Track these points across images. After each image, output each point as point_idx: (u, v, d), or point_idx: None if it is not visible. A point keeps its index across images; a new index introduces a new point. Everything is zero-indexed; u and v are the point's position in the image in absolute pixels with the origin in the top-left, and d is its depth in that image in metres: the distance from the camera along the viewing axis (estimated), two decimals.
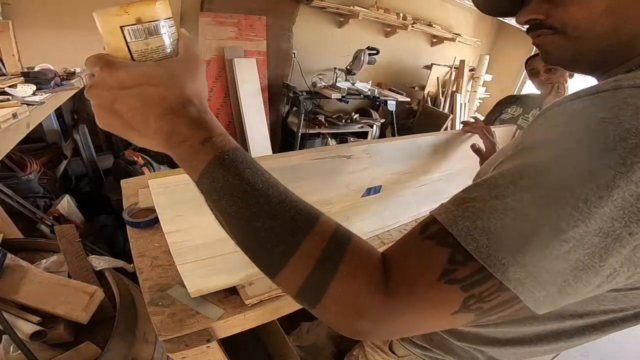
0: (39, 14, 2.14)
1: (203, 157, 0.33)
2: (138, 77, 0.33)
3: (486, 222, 0.28)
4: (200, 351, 0.65)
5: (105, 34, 0.33)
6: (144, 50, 0.33)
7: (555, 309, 0.29)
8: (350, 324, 0.31)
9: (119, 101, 0.33)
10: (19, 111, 1.26)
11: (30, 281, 0.88)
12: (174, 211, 0.55)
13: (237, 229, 0.33)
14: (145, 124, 0.34)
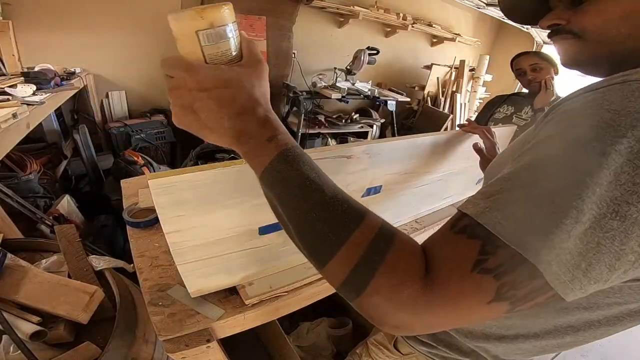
0: (39, 14, 2.14)
1: (268, 153, 0.36)
2: (215, 80, 0.36)
3: (513, 210, 0.30)
4: (200, 351, 0.65)
5: (181, 37, 0.35)
6: (215, 54, 0.36)
7: (584, 295, 0.30)
8: (390, 315, 0.32)
9: (198, 102, 0.36)
10: (19, 111, 1.27)
11: (30, 281, 0.88)
12: (174, 211, 0.55)
13: (294, 219, 0.36)
14: (218, 123, 0.37)
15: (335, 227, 0.33)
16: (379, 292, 0.31)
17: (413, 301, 0.31)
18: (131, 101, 2.77)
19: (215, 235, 0.63)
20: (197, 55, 0.35)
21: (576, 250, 0.28)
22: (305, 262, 0.85)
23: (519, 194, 0.30)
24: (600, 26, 0.38)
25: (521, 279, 0.29)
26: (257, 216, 0.66)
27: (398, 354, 0.84)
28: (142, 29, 2.57)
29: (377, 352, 0.91)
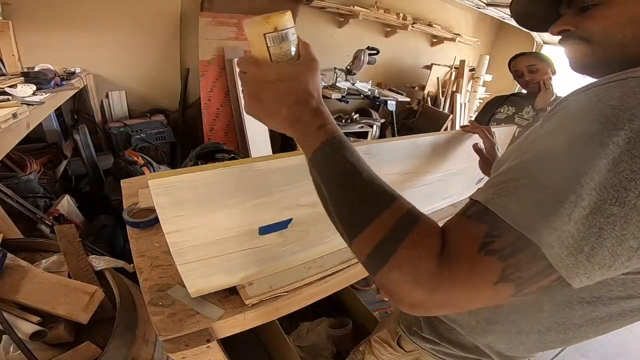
0: (39, 14, 2.14)
1: (317, 139, 0.41)
2: (277, 74, 0.43)
3: (519, 197, 0.32)
4: (200, 351, 0.65)
5: (253, 39, 0.42)
6: (278, 53, 0.43)
7: (590, 282, 0.31)
8: (408, 292, 0.34)
9: (263, 92, 0.44)
10: (19, 111, 1.26)
11: (30, 281, 0.88)
12: (174, 211, 0.55)
13: (334, 197, 0.41)
14: (278, 110, 0.43)
15: (368, 205, 0.38)
16: (399, 266, 0.34)
17: (428, 277, 0.33)
18: (131, 101, 2.77)
19: (215, 235, 0.63)
20: (264, 55, 0.43)
21: (578, 235, 0.29)
22: (305, 262, 0.85)
23: (525, 182, 0.33)
24: (606, 30, 0.41)
25: (525, 260, 0.31)
26: (257, 216, 0.66)
27: (401, 351, 0.85)
28: (142, 29, 2.57)
29: (380, 350, 0.91)
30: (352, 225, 0.39)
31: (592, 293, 0.44)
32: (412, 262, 0.34)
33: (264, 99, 0.44)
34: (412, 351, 0.82)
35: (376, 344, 0.94)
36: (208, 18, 2.66)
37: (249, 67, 0.44)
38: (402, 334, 0.83)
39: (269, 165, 0.60)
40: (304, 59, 0.45)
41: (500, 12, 3.59)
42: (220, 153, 2.29)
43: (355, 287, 2.04)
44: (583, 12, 0.43)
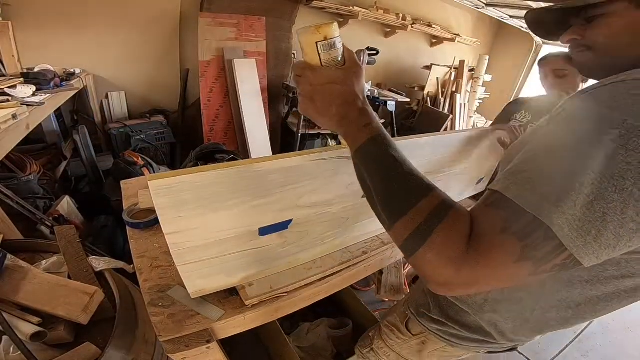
0: (39, 15, 2.14)
1: (363, 136, 0.47)
2: (327, 78, 0.49)
3: (533, 185, 0.37)
4: (200, 352, 0.65)
5: (305, 47, 0.49)
6: (328, 59, 0.49)
7: (598, 262, 0.36)
8: (438, 270, 0.39)
9: (316, 93, 0.50)
10: (19, 112, 1.26)
11: (30, 282, 0.88)
12: (174, 212, 0.55)
13: (377, 187, 0.46)
14: (328, 110, 0.50)
15: (408, 195, 0.43)
16: (432, 248, 0.39)
17: (456, 258, 0.38)
18: (131, 102, 2.77)
19: (216, 236, 0.63)
20: (316, 61, 0.49)
21: (585, 219, 0.34)
22: (305, 262, 0.85)
23: (536, 173, 0.38)
24: (606, 38, 0.47)
25: (540, 240, 0.36)
26: (257, 217, 0.66)
27: (409, 335, 0.89)
28: (141, 29, 2.58)
29: (389, 334, 0.96)
30: (392, 212, 0.44)
31: (590, 273, 0.50)
32: (445, 245, 0.39)
33: (316, 100, 0.50)
34: (419, 334, 0.86)
35: (385, 329, 0.97)
36: (208, 18, 2.67)
37: (303, 72, 0.51)
38: (410, 316, 0.87)
39: (268, 166, 0.61)
40: (350, 64, 0.52)
41: (499, 12, 3.59)
42: (220, 154, 2.29)
43: (355, 288, 2.04)
44: (589, 23, 0.49)
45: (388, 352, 0.97)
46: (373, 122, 0.48)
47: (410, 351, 0.91)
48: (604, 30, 0.47)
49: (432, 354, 0.86)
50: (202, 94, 2.82)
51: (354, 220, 0.89)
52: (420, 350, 0.88)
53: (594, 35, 0.49)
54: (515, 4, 3.20)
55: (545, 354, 1.84)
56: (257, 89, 2.92)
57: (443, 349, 0.83)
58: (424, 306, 0.83)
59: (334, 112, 0.49)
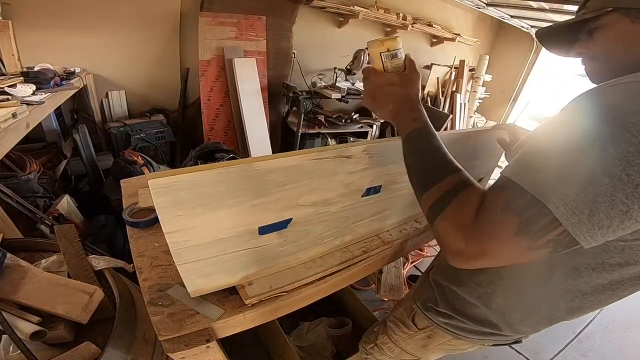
0: (39, 14, 2.14)
1: (410, 127, 0.59)
2: (388, 81, 0.62)
3: (534, 170, 0.43)
4: (200, 351, 0.65)
5: (372, 55, 0.63)
6: (390, 66, 0.62)
7: (595, 243, 0.39)
8: (452, 239, 0.46)
9: (377, 92, 0.63)
10: (19, 111, 1.26)
11: (30, 281, 0.88)
12: (174, 211, 0.55)
13: (415, 166, 0.59)
14: (386, 105, 0.63)
15: (436, 173, 0.53)
16: (448, 218, 0.47)
17: (466, 229, 0.45)
18: (131, 101, 2.77)
19: (215, 235, 0.63)
20: (380, 67, 0.62)
21: (579, 199, 0.38)
22: (305, 262, 0.85)
23: (539, 160, 0.43)
24: (605, 48, 0.54)
25: (536, 216, 0.40)
26: (256, 216, 0.66)
27: (414, 329, 0.91)
28: (142, 28, 2.57)
29: (394, 329, 0.97)
30: (422, 186, 0.55)
31: (595, 260, 0.54)
32: (457, 216, 0.46)
33: (377, 97, 0.63)
34: (425, 328, 0.88)
35: (391, 324, 0.99)
36: (208, 18, 2.66)
37: (369, 75, 0.64)
38: (417, 310, 0.89)
39: (268, 165, 0.60)
40: (408, 70, 0.63)
41: (500, 12, 3.59)
42: (220, 153, 2.29)
43: (355, 287, 2.04)
44: (591, 36, 0.56)
45: (392, 347, 0.98)
46: (420, 118, 0.60)
47: (415, 346, 0.93)
48: (601, 41, 0.54)
49: (438, 347, 0.89)
50: (202, 93, 2.81)
51: (354, 220, 0.89)
52: (425, 345, 0.90)
53: (595, 46, 0.55)
54: (516, 4, 3.19)
55: (545, 353, 1.84)
56: (257, 88, 2.92)
57: (449, 342, 0.85)
58: (431, 300, 0.85)
59: (391, 107, 0.62)
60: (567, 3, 2.60)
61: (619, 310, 2.23)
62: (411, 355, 0.96)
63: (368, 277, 1.70)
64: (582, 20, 0.55)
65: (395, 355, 0.99)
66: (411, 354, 0.95)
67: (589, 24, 0.55)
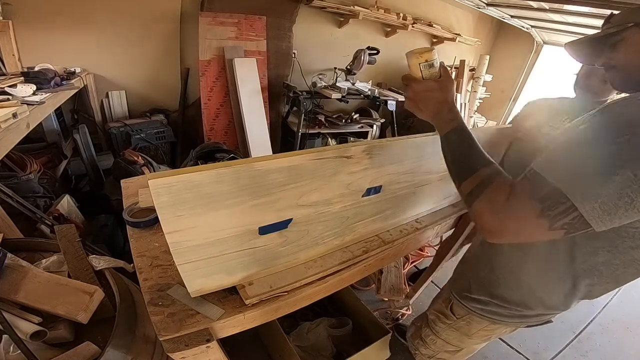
0: (39, 14, 2.14)
1: (448, 127, 0.68)
2: (426, 88, 0.69)
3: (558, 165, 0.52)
4: (200, 351, 0.65)
5: (411, 65, 0.70)
6: (427, 74, 0.70)
7: (605, 227, 0.49)
8: (486, 218, 0.56)
9: (418, 98, 0.71)
10: (19, 111, 1.26)
11: (30, 281, 0.88)
12: (174, 211, 0.55)
13: (453, 160, 0.69)
14: (426, 108, 0.71)
15: (472, 165, 0.63)
16: (483, 201, 0.57)
17: (498, 211, 0.55)
18: (131, 101, 2.77)
19: (215, 235, 0.63)
20: (418, 75, 0.70)
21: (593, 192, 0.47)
22: (305, 262, 0.85)
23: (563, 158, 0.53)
24: (624, 59, 0.62)
25: (555, 203, 0.50)
26: (257, 216, 0.66)
27: (453, 318, 1.00)
28: (142, 28, 2.57)
29: (436, 321, 1.06)
30: (461, 176, 0.65)
31: (610, 243, 0.65)
32: (491, 201, 0.56)
33: (418, 102, 0.71)
34: (464, 316, 0.97)
35: (432, 317, 1.07)
36: (208, 18, 2.66)
37: (409, 82, 0.72)
38: (454, 300, 0.98)
39: (268, 165, 0.61)
40: (444, 77, 0.70)
41: (500, 12, 3.58)
42: (220, 153, 2.29)
43: (355, 287, 2.04)
44: (614, 48, 0.64)
45: (435, 339, 1.08)
46: (456, 119, 0.68)
47: (456, 335, 1.02)
48: (622, 53, 0.62)
49: (477, 334, 0.98)
50: (202, 93, 2.81)
51: (354, 220, 0.89)
52: (465, 333, 1.00)
53: (617, 57, 0.64)
54: (516, 4, 3.19)
55: (545, 353, 1.84)
56: (257, 88, 2.92)
57: (486, 328, 0.95)
58: (466, 289, 0.95)
59: (430, 110, 0.70)
60: (567, 3, 2.59)
61: (619, 310, 2.23)
62: (453, 346, 1.05)
63: (368, 277, 1.70)
64: (607, 34, 0.64)
65: (439, 347, 1.08)
66: (453, 344, 1.04)
67: (613, 37, 0.63)
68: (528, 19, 3.76)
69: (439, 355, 1.12)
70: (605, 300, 2.28)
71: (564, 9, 2.81)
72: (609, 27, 0.65)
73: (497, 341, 1.84)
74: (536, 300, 0.81)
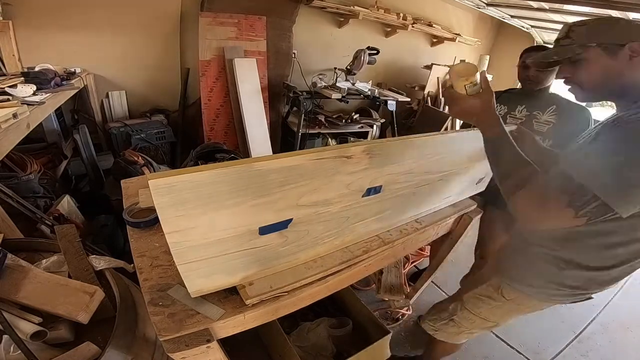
0: (39, 14, 2.14)
1: (492, 132, 0.79)
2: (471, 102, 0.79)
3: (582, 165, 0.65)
4: (200, 351, 0.65)
5: (456, 86, 0.80)
6: (470, 92, 0.79)
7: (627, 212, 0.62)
8: (523, 209, 0.71)
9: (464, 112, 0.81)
10: (19, 111, 1.26)
11: (31, 281, 0.88)
12: (174, 211, 0.55)
13: (500, 162, 0.79)
14: (470, 117, 0.81)
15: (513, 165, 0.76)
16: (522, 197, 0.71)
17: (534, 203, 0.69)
18: (131, 101, 2.77)
19: (216, 235, 0.63)
20: (462, 91, 0.80)
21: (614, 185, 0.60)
22: (306, 262, 0.85)
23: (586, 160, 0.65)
24: (586, 77, 0.73)
25: (580, 195, 0.63)
26: (257, 216, 0.66)
27: (503, 300, 1.03)
28: (142, 28, 2.58)
29: (478, 304, 1.09)
30: (503, 174, 0.77)
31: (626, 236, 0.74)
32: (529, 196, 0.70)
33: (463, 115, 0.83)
34: (515, 298, 1.00)
35: (473, 300, 1.10)
36: (208, 18, 2.66)
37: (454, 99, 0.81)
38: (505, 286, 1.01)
39: (268, 165, 0.61)
40: (484, 91, 0.79)
41: (500, 12, 3.59)
42: (220, 153, 2.29)
43: (355, 287, 2.04)
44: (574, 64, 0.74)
45: (474, 319, 1.11)
46: (497, 125, 0.78)
47: (500, 313, 1.06)
48: (584, 71, 0.72)
49: (521, 311, 1.03)
50: (202, 93, 2.82)
51: (354, 220, 0.89)
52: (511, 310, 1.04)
53: (578, 74, 0.74)
54: (516, 4, 3.19)
55: (545, 353, 1.83)
56: (257, 88, 2.92)
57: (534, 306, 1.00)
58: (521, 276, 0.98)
59: (475, 119, 0.81)
60: (567, 3, 2.59)
61: (619, 310, 2.23)
62: (492, 322, 1.10)
63: (368, 277, 1.69)
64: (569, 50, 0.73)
65: (474, 325, 1.13)
66: (492, 320, 1.09)
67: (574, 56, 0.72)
68: (528, 19, 3.76)
69: (471, 330, 1.16)
70: (605, 300, 2.28)
71: (564, 9, 2.82)
72: (570, 42, 0.72)
73: (497, 341, 1.84)
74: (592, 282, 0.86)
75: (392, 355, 1.53)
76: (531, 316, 1.08)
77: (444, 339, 1.24)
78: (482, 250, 1.73)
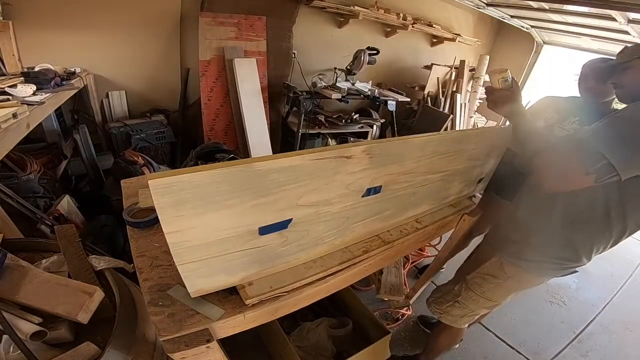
0: (39, 14, 2.14)
1: (518, 118, 0.99)
2: (503, 95, 0.99)
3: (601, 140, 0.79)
4: (200, 351, 0.65)
5: (493, 81, 1.01)
6: (503, 86, 0.99)
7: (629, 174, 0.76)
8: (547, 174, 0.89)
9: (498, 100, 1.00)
10: (19, 111, 1.26)
11: (31, 281, 0.88)
12: (174, 211, 0.55)
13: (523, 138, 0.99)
14: (502, 107, 0.99)
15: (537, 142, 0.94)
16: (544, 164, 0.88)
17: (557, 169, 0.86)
18: (131, 101, 2.77)
19: (216, 235, 0.63)
20: (497, 86, 0.99)
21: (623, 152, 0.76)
22: (305, 262, 0.85)
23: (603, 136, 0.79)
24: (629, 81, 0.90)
25: (598, 163, 0.77)
26: (257, 216, 0.66)
27: (504, 277, 1.12)
28: (142, 29, 2.58)
29: (482, 283, 1.19)
30: (527, 149, 0.95)
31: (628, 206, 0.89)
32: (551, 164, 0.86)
33: (497, 104, 1.00)
34: (514, 275, 1.10)
35: (477, 279, 1.20)
36: (208, 18, 2.66)
37: (492, 91, 1.00)
38: (505, 262, 1.12)
39: (268, 165, 0.61)
40: (514, 87, 0.98)
41: (500, 12, 3.58)
42: (220, 153, 2.29)
43: (355, 287, 2.04)
44: (623, 71, 0.92)
45: (477, 299, 1.20)
46: (522, 113, 0.98)
47: (501, 292, 1.16)
48: (628, 77, 0.90)
49: (520, 287, 1.14)
50: (202, 93, 2.82)
51: (354, 220, 0.89)
52: (513, 287, 1.14)
53: (624, 79, 0.91)
54: (516, 4, 3.19)
55: (545, 353, 1.84)
56: (257, 88, 2.92)
57: (531, 281, 1.12)
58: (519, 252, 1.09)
59: (506, 109, 0.99)
60: (567, 3, 2.59)
61: (619, 310, 2.23)
62: (494, 301, 1.19)
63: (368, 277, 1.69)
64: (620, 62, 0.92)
65: (478, 305, 1.21)
66: (494, 300, 1.18)
67: (624, 64, 0.91)
68: (528, 19, 3.76)
69: (476, 311, 1.25)
70: (605, 300, 2.29)
71: (564, 9, 2.82)
72: (622, 57, 0.92)
73: (497, 341, 1.84)
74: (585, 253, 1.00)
75: (392, 355, 1.53)
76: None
77: (449, 323, 1.32)
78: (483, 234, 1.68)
